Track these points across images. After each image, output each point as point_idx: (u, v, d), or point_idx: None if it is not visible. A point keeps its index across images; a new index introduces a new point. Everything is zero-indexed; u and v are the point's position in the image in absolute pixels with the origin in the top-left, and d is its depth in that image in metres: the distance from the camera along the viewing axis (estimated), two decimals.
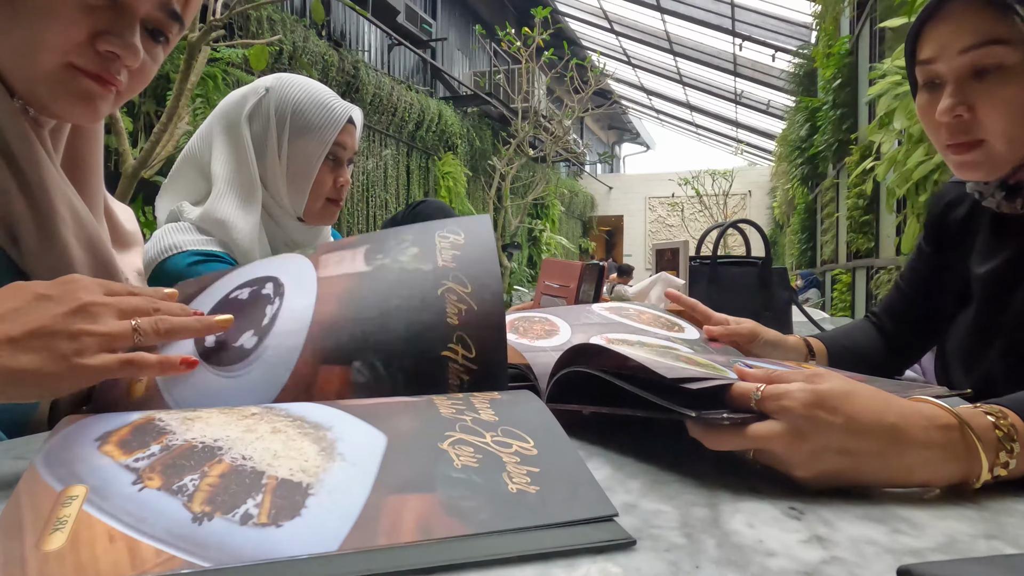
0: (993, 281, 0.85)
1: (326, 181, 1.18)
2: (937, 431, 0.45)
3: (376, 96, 7.44)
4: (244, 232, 1.09)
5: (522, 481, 0.40)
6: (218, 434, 0.42)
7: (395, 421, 0.45)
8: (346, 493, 0.37)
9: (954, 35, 0.75)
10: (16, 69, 0.62)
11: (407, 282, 0.58)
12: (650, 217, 17.83)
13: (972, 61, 0.73)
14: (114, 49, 0.62)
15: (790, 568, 0.34)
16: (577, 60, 7.34)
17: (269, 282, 0.62)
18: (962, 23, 0.74)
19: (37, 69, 0.61)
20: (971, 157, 0.77)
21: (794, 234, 10.53)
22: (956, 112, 0.75)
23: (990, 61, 0.72)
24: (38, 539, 0.33)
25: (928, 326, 0.99)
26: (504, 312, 0.58)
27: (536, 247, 10.98)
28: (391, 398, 0.51)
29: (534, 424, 0.47)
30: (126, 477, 0.37)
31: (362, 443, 0.42)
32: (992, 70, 0.73)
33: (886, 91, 2.98)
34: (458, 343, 0.56)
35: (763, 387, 0.47)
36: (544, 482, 0.40)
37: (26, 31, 0.60)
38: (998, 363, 0.82)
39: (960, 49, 0.74)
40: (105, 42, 0.62)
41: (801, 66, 9.02)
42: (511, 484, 0.40)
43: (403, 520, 0.36)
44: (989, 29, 0.72)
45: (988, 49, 0.72)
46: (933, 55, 0.77)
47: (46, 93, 0.63)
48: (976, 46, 0.73)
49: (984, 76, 0.74)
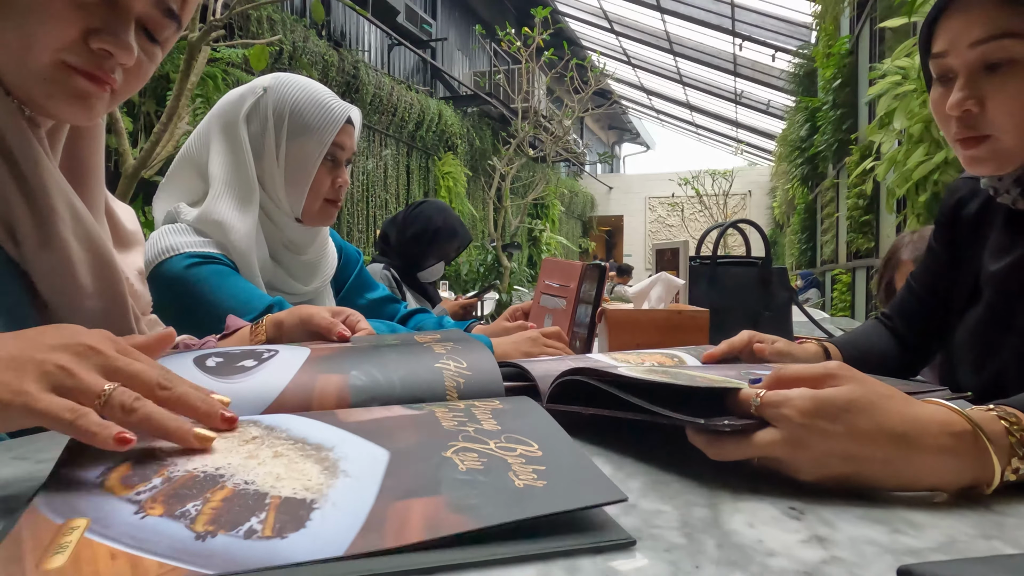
0: (1007, 278, 0.83)
1: (324, 182, 1.17)
2: (950, 438, 0.44)
3: (376, 96, 7.44)
4: (241, 233, 1.08)
5: (529, 478, 0.40)
6: (220, 462, 0.41)
7: (397, 436, 0.45)
8: (351, 503, 0.37)
9: (965, 28, 0.74)
10: (10, 68, 0.61)
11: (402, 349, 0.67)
12: (650, 217, 17.83)
13: (983, 54, 0.73)
14: (107, 47, 0.62)
15: (790, 568, 0.34)
16: (577, 60, 7.33)
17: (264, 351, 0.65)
18: (974, 16, 0.73)
19: (30, 68, 0.61)
20: (978, 152, 0.77)
21: (794, 234, 10.53)
22: (965, 106, 0.75)
23: (1001, 55, 0.72)
24: (39, 561, 0.32)
25: (942, 325, 0.97)
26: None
27: (536, 247, 10.98)
28: (392, 409, 0.51)
29: (537, 429, 0.47)
30: (128, 508, 0.37)
31: (365, 460, 0.42)
32: (1003, 64, 0.72)
33: (886, 91, 2.98)
34: (449, 360, 0.62)
35: (763, 393, 0.47)
36: (551, 476, 0.40)
37: (18, 29, 0.59)
38: (1011, 361, 0.81)
39: (971, 42, 0.73)
40: (98, 40, 0.61)
41: (801, 66, 9.03)
42: (518, 481, 0.40)
43: (410, 521, 0.36)
44: (1001, 23, 0.71)
45: (999, 43, 0.71)
46: (945, 48, 0.76)
47: (40, 92, 0.62)
48: (987, 39, 0.72)
49: (996, 70, 0.73)
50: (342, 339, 0.73)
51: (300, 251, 1.21)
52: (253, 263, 1.11)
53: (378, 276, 2.23)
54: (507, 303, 6.39)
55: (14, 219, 0.63)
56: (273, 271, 1.17)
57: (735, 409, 0.48)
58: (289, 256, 1.20)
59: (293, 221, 1.18)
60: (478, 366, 0.62)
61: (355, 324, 0.78)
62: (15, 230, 0.64)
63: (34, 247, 0.64)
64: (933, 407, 0.46)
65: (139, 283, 0.80)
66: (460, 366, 0.61)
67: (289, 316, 0.78)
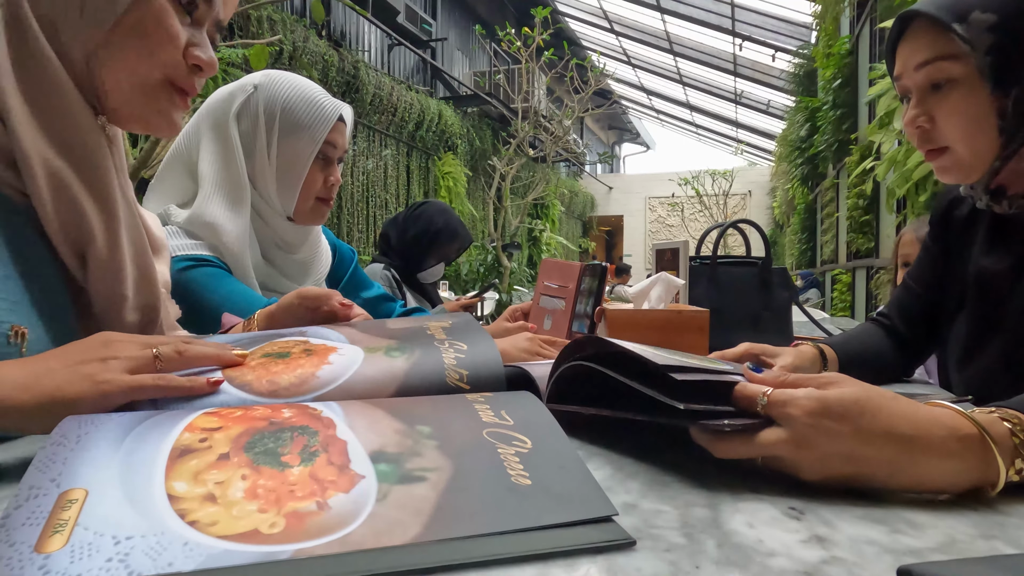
0: (992, 279, 0.86)
1: (316, 180, 1.16)
2: (956, 441, 0.44)
3: (376, 96, 7.43)
4: (234, 235, 1.07)
5: (520, 481, 0.40)
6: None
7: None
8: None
9: (912, 53, 0.82)
10: (121, 86, 0.63)
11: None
12: (650, 217, 17.83)
13: (928, 75, 0.81)
14: (201, 62, 0.65)
15: (790, 568, 0.34)
16: (577, 60, 7.33)
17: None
18: (918, 42, 0.82)
19: (139, 85, 0.63)
20: (942, 162, 0.84)
21: (794, 234, 10.53)
22: (917, 123, 0.84)
23: (941, 75, 0.80)
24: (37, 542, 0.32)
25: (937, 323, 0.99)
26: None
27: (536, 247, 10.98)
28: (386, 398, 0.52)
29: (532, 423, 0.47)
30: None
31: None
32: (944, 83, 0.80)
33: (886, 91, 2.98)
34: (451, 349, 0.62)
35: (770, 391, 0.47)
36: (542, 482, 0.40)
37: (142, 48, 0.62)
38: (996, 360, 0.83)
39: (916, 65, 0.82)
40: (193, 56, 0.65)
41: (801, 66, 9.02)
42: (509, 483, 0.40)
43: (398, 515, 0.36)
44: (939, 46, 0.79)
45: (938, 64, 0.80)
46: (900, 72, 0.85)
47: (138, 108, 0.65)
48: (929, 62, 0.80)
49: (939, 89, 0.81)
50: (344, 310, 0.74)
51: (293, 250, 1.20)
52: (246, 264, 1.10)
53: (378, 276, 2.23)
54: (507, 303, 6.39)
55: (87, 239, 0.63)
56: (266, 271, 1.17)
57: (738, 404, 0.49)
58: (282, 255, 1.19)
59: (285, 220, 1.17)
60: (480, 358, 0.62)
61: (349, 308, 0.79)
62: (87, 251, 0.64)
63: (101, 265, 0.65)
64: (938, 410, 0.46)
65: (167, 296, 0.80)
66: (461, 357, 0.61)
67: (279, 307, 0.78)
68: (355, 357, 0.59)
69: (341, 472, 0.39)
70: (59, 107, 0.60)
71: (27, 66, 0.58)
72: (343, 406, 0.48)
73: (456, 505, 0.37)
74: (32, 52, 0.58)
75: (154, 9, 0.62)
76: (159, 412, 0.46)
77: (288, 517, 0.35)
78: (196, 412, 0.45)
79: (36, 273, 0.61)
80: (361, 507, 0.36)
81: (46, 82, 0.59)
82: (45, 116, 0.59)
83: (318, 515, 0.36)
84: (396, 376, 0.57)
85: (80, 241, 0.63)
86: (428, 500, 0.37)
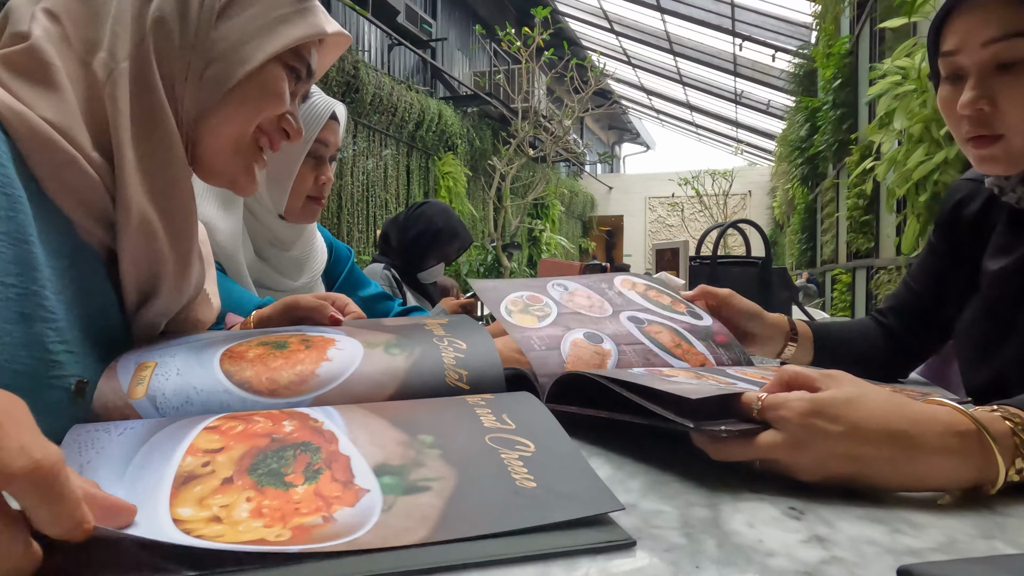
0: (1009, 277, 0.83)
1: (307, 179, 1.15)
2: (954, 437, 0.44)
3: (376, 96, 7.43)
4: (226, 234, 1.07)
5: (525, 484, 0.40)
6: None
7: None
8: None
9: (977, 27, 0.73)
10: (221, 142, 0.63)
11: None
12: (650, 217, 17.82)
13: (995, 54, 0.72)
14: (292, 129, 0.67)
15: (790, 568, 0.34)
16: (577, 60, 7.32)
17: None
18: (986, 15, 0.73)
19: (237, 142, 0.64)
20: (991, 151, 0.76)
21: (794, 234, 10.53)
22: (978, 105, 0.74)
23: (1014, 54, 0.71)
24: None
25: (937, 325, 0.97)
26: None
27: (536, 247, 10.97)
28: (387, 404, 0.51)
29: (534, 425, 0.47)
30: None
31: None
32: (1016, 63, 0.71)
33: (886, 91, 2.98)
34: (450, 347, 0.61)
35: (763, 396, 0.47)
36: (547, 482, 0.40)
37: (250, 112, 0.63)
38: (1012, 360, 0.80)
39: (983, 41, 0.72)
40: (287, 121, 0.66)
41: (801, 66, 9.02)
42: (514, 487, 0.40)
43: (405, 523, 0.36)
44: (1014, 22, 0.71)
45: (1012, 42, 0.71)
46: (956, 47, 0.76)
47: (228, 166, 0.65)
48: (1000, 39, 0.71)
49: (1008, 69, 0.72)
50: (334, 323, 0.72)
51: (286, 247, 1.19)
52: (240, 262, 1.09)
53: (378, 276, 2.23)
54: None
55: (159, 285, 0.63)
56: (260, 268, 1.16)
57: (739, 412, 0.49)
58: (276, 252, 1.18)
59: (277, 218, 1.16)
60: (479, 358, 0.61)
61: (344, 307, 0.77)
62: (158, 287, 0.63)
63: (159, 308, 0.64)
64: (936, 407, 0.46)
65: (205, 296, 0.76)
66: (460, 356, 0.61)
67: (274, 309, 0.78)
68: (354, 353, 0.59)
69: (345, 488, 0.39)
70: (165, 160, 0.59)
71: (143, 120, 0.58)
72: (344, 416, 0.47)
73: (462, 511, 0.37)
74: (151, 106, 0.58)
75: (273, 76, 0.63)
76: (160, 429, 0.45)
77: (294, 530, 0.35)
78: (198, 426, 0.45)
79: (99, 314, 0.60)
80: (367, 518, 0.36)
81: (156, 136, 0.58)
82: (151, 169, 0.59)
83: (324, 526, 0.36)
84: (396, 376, 0.57)
85: (148, 291, 0.63)
86: (435, 507, 0.37)
